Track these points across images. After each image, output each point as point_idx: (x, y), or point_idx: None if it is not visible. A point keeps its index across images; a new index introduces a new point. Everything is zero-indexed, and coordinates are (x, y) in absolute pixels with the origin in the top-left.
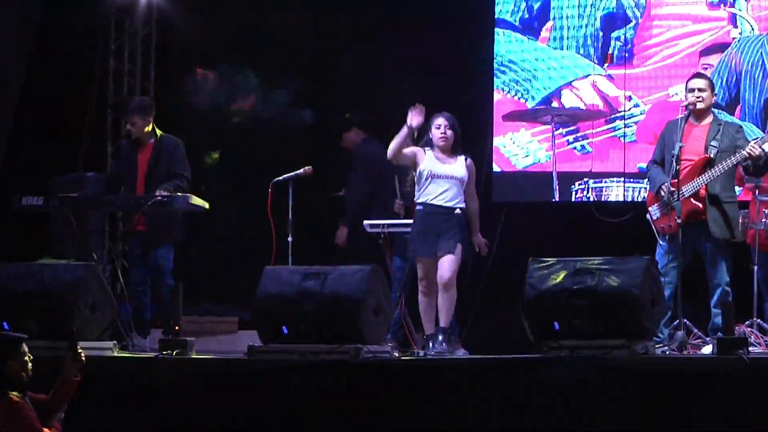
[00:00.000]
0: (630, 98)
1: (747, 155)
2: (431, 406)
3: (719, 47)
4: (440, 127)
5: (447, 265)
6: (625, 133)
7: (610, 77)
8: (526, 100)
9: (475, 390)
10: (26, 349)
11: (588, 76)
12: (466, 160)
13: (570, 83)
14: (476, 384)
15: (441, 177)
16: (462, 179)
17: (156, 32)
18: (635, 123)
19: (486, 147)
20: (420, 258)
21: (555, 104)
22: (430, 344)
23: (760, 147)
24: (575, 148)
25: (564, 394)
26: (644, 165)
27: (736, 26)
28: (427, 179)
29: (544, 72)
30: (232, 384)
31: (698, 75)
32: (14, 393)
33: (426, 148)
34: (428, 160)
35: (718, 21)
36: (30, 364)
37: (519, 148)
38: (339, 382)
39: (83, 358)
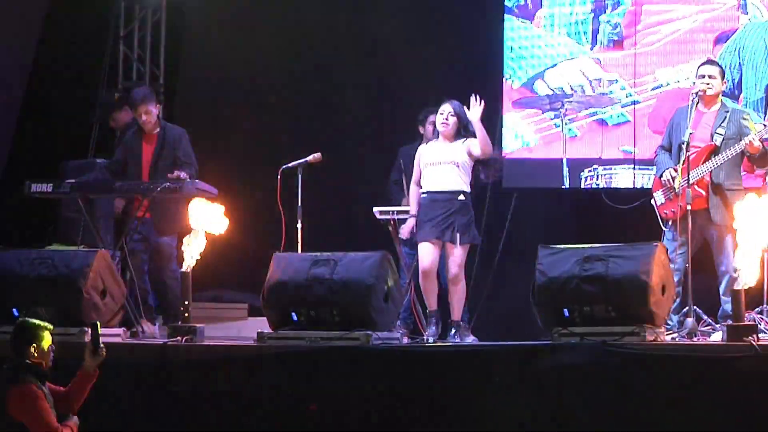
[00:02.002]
0: (616, 81)
1: (746, 145)
2: (441, 392)
3: (726, 34)
4: (443, 114)
5: (453, 259)
6: (611, 116)
7: (597, 60)
8: (513, 81)
9: (484, 377)
10: (50, 339)
11: (574, 59)
12: (464, 141)
13: (555, 65)
14: (486, 371)
15: (436, 163)
16: (460, 162)
17: (166, 18)
18: (622, 107)
19: (496, 132)
20: (420, 241)
21: (538, 86)
22: (431, 329)
23: (760, 141)
24: (562, 131)
25: (574, 380)
26: (628, 148)
27: (746, 12)
28: (425, 168)
29: (532, 54)
30: (241, 370)
31: (710, 61)
32: (32, 381)
33: (432, 139)
34: (424, 153)
35: (727, 8)
36: (52, 354)
37: (508, 131)
38: (349, 369)
39: (104, 353)
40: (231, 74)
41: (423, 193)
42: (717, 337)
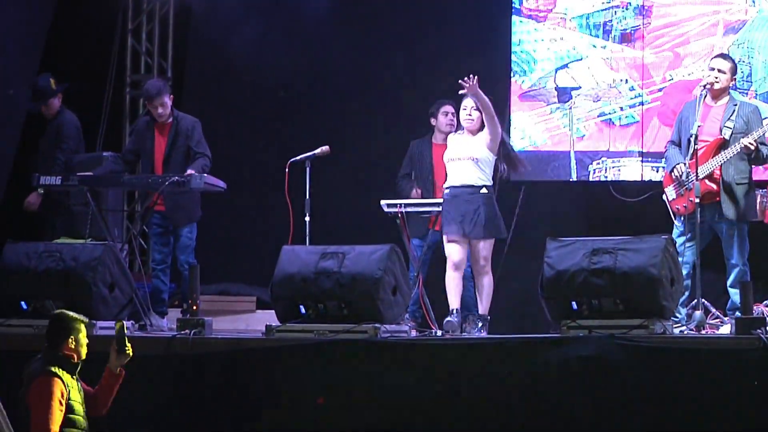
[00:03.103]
0: (626, 81)
1: (742, 147)
2: (449, 385)
3: (735, 27)
4: (466, 109)
5: (479, 252)
6: (620, 116)
7: (607, 60)
8: (523, 81)
9: (493, 369)
10: (85, 332)
11: (584, 58)
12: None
13: (566, 65)
14: (494, 363)
15: (455, 159)
16: (480, 158)
17: (174, 12)
18: (630, 107)
19: (504, 126)
20: (446, 237)
21: (550, 85)
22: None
23: (755, 140)
24: (570, 127)
25: (582, 373)
26: (636, 148)
27: (754, 5)
28: (447, 163)
29: (542, 53)
30: (249, 363)
31: (722, 56)
32: (60, 375)
33: (458, 131)
34: (448, 147)
35: (732, 3)
36: (85, 348)
37: (516, 130)
38: (356, 362)
39: (130, 353)
40: (239, 66)
41: (446, 188)
42: (725, 330)
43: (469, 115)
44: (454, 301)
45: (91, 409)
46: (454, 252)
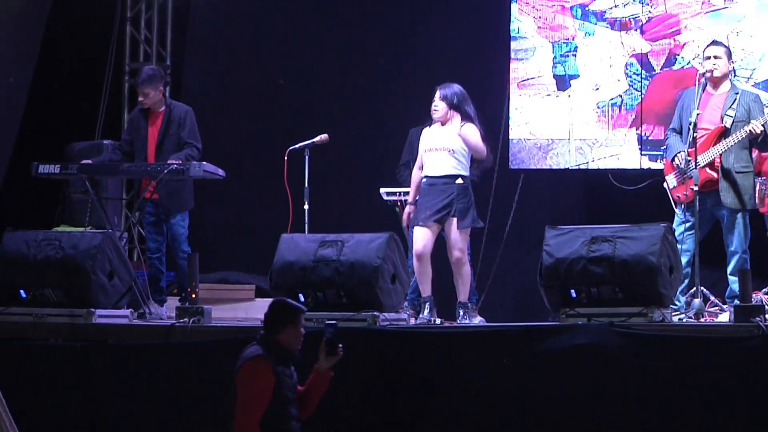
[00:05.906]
0: (625, 69)
1: (748, 132)
2: (448, 373)
3: (737, 16)
4: (433, 101)
5: (454, 243)
6: (619, 105)
7: (606, 48)
8: (523, 69)
9: (492, 358)
10: (303, 323)
11: (583, 46)
12: (461, 126)
13: (565, 53)
14: (493, 352)
15: (432, 150)
16: (455, 149)
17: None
18: (628, 95)
19: (503, 114)
20: (415, 225)
21: (549, 73)
22: (425, 316)
23: (762, 125)
24: (569, 114)
25: (580, 361)
26: (633, 136)
27: None
28: (424, 153)
29: (542, 41)
30: None
31: (714, 42)
32: (272, 361)
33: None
34: (424, 137)
35: None
36: (301, 339)
37: (515, 118)
38: (356, 350)
39: (341, 354)
40: (238, 54)
41: (423, 177)
42: (724, 317)
43: (435, 106)
44: (425, 289)
45: (300, 407)
46: (419, 239)
